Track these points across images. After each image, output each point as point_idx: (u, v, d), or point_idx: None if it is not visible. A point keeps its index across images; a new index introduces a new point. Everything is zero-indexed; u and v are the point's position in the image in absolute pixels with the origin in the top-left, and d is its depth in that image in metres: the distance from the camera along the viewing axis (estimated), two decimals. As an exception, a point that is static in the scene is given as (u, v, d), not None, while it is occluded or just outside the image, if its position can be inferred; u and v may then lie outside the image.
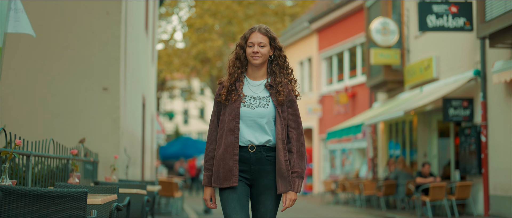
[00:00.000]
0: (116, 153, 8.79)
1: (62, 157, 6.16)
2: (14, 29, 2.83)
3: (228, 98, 3.85)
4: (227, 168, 3.75)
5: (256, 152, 3.80)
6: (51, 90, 9.15)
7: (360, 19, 20.23)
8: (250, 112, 3.81)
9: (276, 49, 3.92)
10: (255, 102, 3.84)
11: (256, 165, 3.80)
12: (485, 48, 12.67)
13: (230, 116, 3.80)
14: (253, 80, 3.92)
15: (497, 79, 11.54)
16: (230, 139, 3.77)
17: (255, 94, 3.87)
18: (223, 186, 3.76)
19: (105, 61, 9.21)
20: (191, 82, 40.36)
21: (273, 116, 3.83)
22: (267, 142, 3.82)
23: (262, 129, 3.81)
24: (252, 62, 3.86)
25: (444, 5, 13.08)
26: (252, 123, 3.80)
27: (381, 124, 18.80)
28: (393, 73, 17.15)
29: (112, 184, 6.28)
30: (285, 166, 3.76)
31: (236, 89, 3.86)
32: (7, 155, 4.03)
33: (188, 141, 33.91)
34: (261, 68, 3.90)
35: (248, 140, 3.80)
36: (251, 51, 3.84)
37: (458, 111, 13.63)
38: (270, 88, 3.88)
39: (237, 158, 3.75)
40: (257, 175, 3.81)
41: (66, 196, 3.43)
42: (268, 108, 3.83)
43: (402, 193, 15.19)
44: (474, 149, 13.24)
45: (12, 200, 3.34)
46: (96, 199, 3.81)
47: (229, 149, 3.76)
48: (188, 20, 30.61)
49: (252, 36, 3.87)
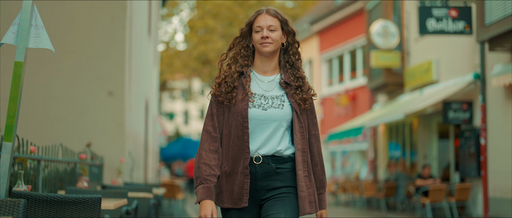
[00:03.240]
0: (121, 156, 8.93)
1: (70, 161, 6.30)
2: (35, 44, 2.97)
3: (229, 97, 3.07)
4: (240, 185, 3.03)
5: (263, 163, 3.04)
6: (57, 94, 9.29)
7: (361, 22, 20.37)
8: (261, 114, 3.04)
9: (289, 35, 3.13)
10: (266, 102, 3.06)
11: (263, 180, 3.05)
12: (484, 52, 12.81)
13: (236, 120, 3.03)
14: (262, 75, 3.13)
15: (496, 82, 11.68)
16: (240, 148, 3.03)
17: (267, 93, 3.08)
18: (237, 206, 3.03)
19: (110, 66, 9.35)
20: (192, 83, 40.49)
21: (289, 119, 3.08)
22: (277, 152, 3.05)
23: (274, 136, 3.06)
24: (261, 51, 3.06)
25: (444, 9, 13.22)
26: (263, 128, 3.04)
27: (382, 126, 18.94)
28: (393, 76, 17.29)
29: (120, 188, 6.42)
30: (305, 183, 3.05)
31: (242, 85, 3.09)
32: (22, 161, 4.17)
33: (188, 142, 34.04)
34: (272, 59, 3.11)
35: (254, 149, 3.04)
36: (259, 37, 3.05)
37: (458, 114, 13.77)
38: (286, 85, 3.11)
39: (247, 172, 3.01)
40: (264, 192, 3.06)
41: (82, 202, 3.57)
42: (283, 110, 3.07)
43: (402, 195, 15.32)
44: (473, 151, 13.38)
45: (30, 206, 3.48)
46: (109, 204, 3.95)
47: (239, 160, 3.03)
48: (190, 22, 30.77)
49: (259, 19, 3.09)
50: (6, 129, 2.93)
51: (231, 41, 3.15)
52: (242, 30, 3.12)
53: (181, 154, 31.18)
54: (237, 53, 3.13)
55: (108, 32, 9.38)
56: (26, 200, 2.64)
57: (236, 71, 3.10)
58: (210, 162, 3.04)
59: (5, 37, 3.01)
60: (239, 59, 3.12)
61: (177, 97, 40.50)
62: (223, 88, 3.06)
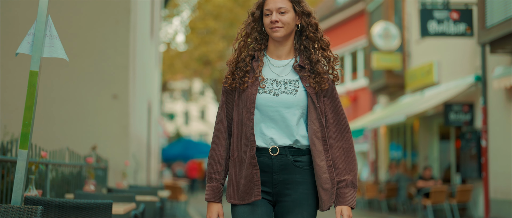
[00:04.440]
0: (125, 159, 9.00)
1: (77, 165, 6.37)
2: (49, 54, 3.03)
3: (241, 81, 2.85)
4: (248, 178, 2.78)
5: (280, 155, 2.79)
6: (62, 97, 9.36)
7: (362, 23, 20.44)
8: (272, 100, 2.80)
9: (303, 15, 2.89)
10: (278, 87, 2.83)
11: (281, 173, 2.80)
12: (485, 54, 12.87)
13: (245, 107, 2.82)
14: (276, 59, 2.90)
15: (497, 84, 11.75)
16: (246, 137, 2.79)
17: (279, 77, 2.86)
18: (245, 201, 2.79)
19: (115, 69, 9.42)
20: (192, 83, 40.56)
21: (303, 106, 2.82)
22: (295, 142, 2.81)
23: (288, 124, 2.81)
24: (272, 36, 2.84)
25: (445, 11, 13.29)
26: (275, 115, 2.79)
27: (383, 127, 19.00)
28: (394, 77, 17.36)
29: (128, 192, 6.50)
30: (329, 174, 2.79)
31: (253, 69, 2.87)
32: (33, 166, 4.23)
33: (189, 143, 34.09)
34: (285, 43, 2.88)
35: (269, 139, 2.80)
36: (269, 21, 2.83)
37: (459, 116, 13.84)
38: (300, 69, 2.87)
39: (255, 162, 2.76)
40: (282, 187, 2.80)
41: (93, 207, 3.64)
42: (297, 95, 2.82)
43: (403, 196, 15.40)
44: (474, 153, 13.44)
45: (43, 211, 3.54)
46: (119, 208, 4.02)
47: (246, 150, 2.80)
48: (190, 23, 30.85)
49: (268, 1, 2.86)
50: (22, 136, 3.00)
51: (243, 24, 2.93)
52: (254, 14, 2.89)
53: (181, 155, 31.26)
54: (252, 37, 2.92)
55: (113, 36, 9.45)
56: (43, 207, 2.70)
57: (248, 54, 2.89)
58: (216, 157, 2.87)
59: (20, 47, 3.08)
60: (251, 42, 2.92)
61: (177, 98, 40.57)
62: (237, 74, 2.86)
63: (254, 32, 2.91)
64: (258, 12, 2.89)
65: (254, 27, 2.91)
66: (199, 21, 30.19)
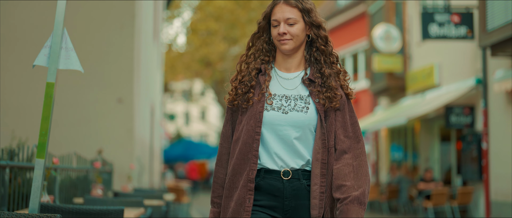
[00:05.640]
0: (130, 162, 9.09)
1: (84, 169, 6.46)
2: (65, 65, 3.13)
3: (245, 98, 2.63)
4: (239, 201, 2.55)
5: (292, 179, 2.56)
6: (67, 101, 9.44)
7: (363, 25, 20.52)
8: (281, 118, 2.57)
9: (312, 27, 2.65)
10: (288, 104, 2.59)
11: (293, 199, 2.57)
12: (486, 57, 12.95)
13: (248, 124, 2.58)
14: (285, 72, 2.68)
15: (498, 87, 11.84)
16: (246, 158, 2.56)
17: (289, 92, 2.62)
18: None
19: (119, 73, 9.52)
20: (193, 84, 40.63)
21: (314, 126, 2.60)
22: (307, 163, 2.59)
23: (298, 145, 2.58)
24: (280, 49, 2.63)
25: (446, 15, 13.38)
26: (285, 135, 2.57)
27: (384, 129, 19.09)
28: (395, 79, 17.45)
29: (135, 196, 6.58)
30: (319, 200, 2.55)
31: (259, 84, 2.64)
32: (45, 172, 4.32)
33: (190, 144, 34.17)
34: (295, 55, 2.66)
35: (280, 161, 2.57)
36: (276, 33, 2.61)
37: (459, 118, 13.93)
38: (309, 83, 2.63)
39: (252, 186, 2.54)
40: (293, 213, 2.57)
41: (106, 213, 3.73)
42: (308, 113, 2.59)
43: (404, 198, 15.49)
44: (475, 155, 13.53)
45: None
46: (130, 214, 4.10)
47: (242, 171, 2.56)
48: (192, 24, 30.93)
49: (275, 10, 2.63)
50: (39, 146, 3.09)
51: (250, 38, 2.72)
52: (260, 24, 2.68)
53: (182, 156, 31.33)
54: (258, 49, 2.69)
55: (117, 40, 9.55)
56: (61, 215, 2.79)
57: (255, 68, 2.66)
58: (218, 180, 2.67)
59: (37, 59, 3.18)
60: (259, 55, 2.69)
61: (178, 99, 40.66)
62: (240, 90, 2.63)
63: (261, 43, 2.69)
64: (264, 22, 2.67)
65: (261, 39, 2.70)
66: (200, 22, 30.27)
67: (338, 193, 2.54)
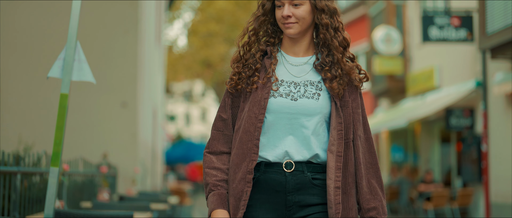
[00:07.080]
0: (134, 166, 9.20)
1: (90, 174, 6.56)
2: (78, 77, 3.23)
3: (249, 81, 2.39)
4: (237, 195, 2.32)
5: (296, 172, 2.32)
6: (72, 105, 9.52)
7: (363, 27, 20.61)
8: (289, 106, 2.33)
9: (317, 11, 2.38)
10: (297, 90, 2.36)
11: (296, 194, 2.32)
12: (486, 60, 13.04)
13: (251, 111, 2.34)
14: (292, 56, 2.43)
15: (497, 90, 11.93)
16: (246, 148, 2.33)
17: (297, 78, 2.39)
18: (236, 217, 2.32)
19: (123, 77, 9.62)
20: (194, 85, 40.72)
21: (326, 113, 2.36)
22: (314, 156, 2.34)
23: (307, 135, 2.33)
24: (285, 32, 2.40)
25: (446, 17, 13.48)
26: (293, 124, 2.33)
27: (384, 131, 19.18)
28: (396, 81, 17.55)
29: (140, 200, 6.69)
30: (334, 196, 2.28)
31: (264, 67, 2.40)
32: (57, 179, 4.41)
33: (191, 145, 34.23)
34: (302, 39, 2.42)
35: (283, 153, 2.33)
36: (280, 16, 2.37)
37: (460, 121, 14.02)
38: (321, 68, 2.39)
39: (250, 178, 2.30)
40: (296, 210, 2.33)
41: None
42: (319, 100, 2.35)
43: (405, 200, 15.58)
44: (475, 157, 13.62)
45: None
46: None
47: (241, 163, 2.33)
48: (192, 26, 31.04)
49: None
50: (53, 155, 3.19)
51: (251, 17, 2.46)
52: (264, 5, 2.43)
53: (183, 157, 31.38)
54: (262, 30, 2.45)
55: (121, 45, 9.65)
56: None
57: (259, 49, 2.43)
58: (221, 166, 2.39)
59: (51, 71, 3.28)
60: (263, 36, 2.45)
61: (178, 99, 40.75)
62: (244, 73, 2.39)
63: (266, 25, 2.44)
64: (269, 3, 2.41)
65: (265, 20, 2.44)
66: (201, 24, 30.38)
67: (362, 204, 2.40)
